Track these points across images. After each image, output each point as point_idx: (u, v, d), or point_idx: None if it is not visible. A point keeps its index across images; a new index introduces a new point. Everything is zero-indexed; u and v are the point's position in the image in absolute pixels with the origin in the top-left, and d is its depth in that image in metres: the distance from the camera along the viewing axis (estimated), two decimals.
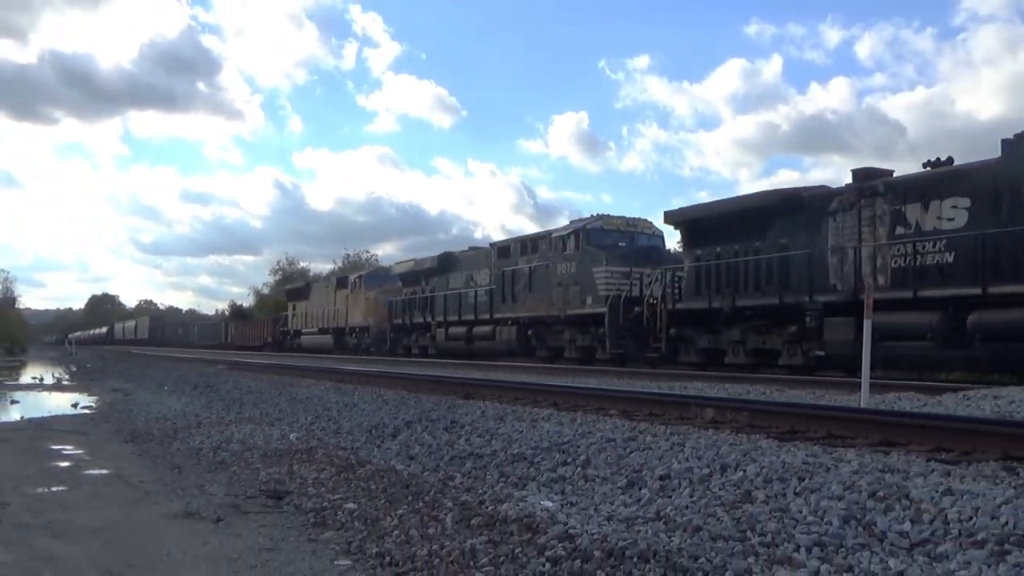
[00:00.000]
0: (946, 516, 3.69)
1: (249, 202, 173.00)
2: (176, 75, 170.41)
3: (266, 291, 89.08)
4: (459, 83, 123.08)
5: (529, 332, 25.93)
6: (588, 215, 25.70)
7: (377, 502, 5.13)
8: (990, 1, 76.58)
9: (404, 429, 8.18)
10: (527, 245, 26.67)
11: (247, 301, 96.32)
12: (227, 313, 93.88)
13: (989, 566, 3.13)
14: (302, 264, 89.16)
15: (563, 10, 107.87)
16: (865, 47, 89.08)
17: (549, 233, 25.90)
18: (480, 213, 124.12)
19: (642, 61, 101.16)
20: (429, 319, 31.66)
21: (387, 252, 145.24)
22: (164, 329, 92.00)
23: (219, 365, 27.04)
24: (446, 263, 31.88)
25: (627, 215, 25.30)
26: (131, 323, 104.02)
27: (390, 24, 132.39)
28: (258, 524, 4.82)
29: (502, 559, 3.69)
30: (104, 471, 7.05)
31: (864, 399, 9.74)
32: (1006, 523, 3.51)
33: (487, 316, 27.71)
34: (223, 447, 8.08)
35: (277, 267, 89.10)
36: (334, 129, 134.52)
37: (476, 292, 28.62)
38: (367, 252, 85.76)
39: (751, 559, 3.38)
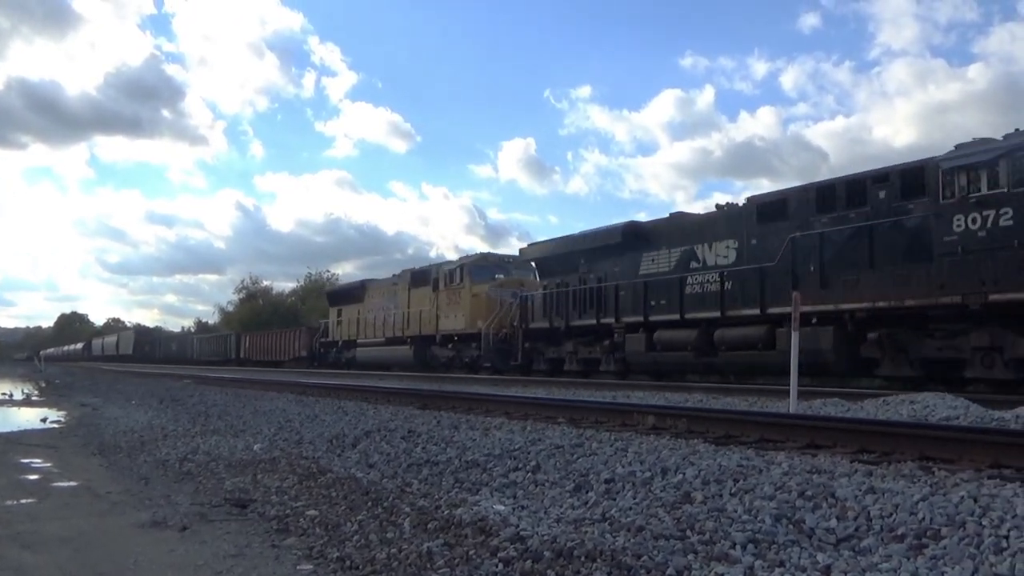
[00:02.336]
0: (869, 513, 3.74)
1: (212, 223, 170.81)
2: (141, 102, 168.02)
3: (230, 308, 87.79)
4: (414, 110, 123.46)
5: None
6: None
7: (338, 509, 5.06)
8: (903, 36, 78.93)
9: (364, 439, 8.10)
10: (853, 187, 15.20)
11: (212, 319, 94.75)
12: (193, 329, 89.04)
13: (908, 559, 3.18)
14: (265, 283, 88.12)
15: (510, 42, 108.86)
16: (789, 79, 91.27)
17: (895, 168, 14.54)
18: (434, 234, 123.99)
19: (584, 91, 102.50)
20: (606, 319, 20.59)
21: (347, 271, 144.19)
22: (153, 344, 77.77)
23: (185, 380, 26.54)
24: (634, 236, 20.42)
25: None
26: (111, 338, 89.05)
27: (348, 54, 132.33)
28: (223, 532, 4.73)
29: (457, 561, 3.66)
30: (73, 483, 6.87)
31: (793, 405, 9.87)
32: (923, 519, 3.57)
33: (755, 310, 16.72)
34: (189, 458, 7.92)
35: (241, 286, 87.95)
36: (294, 154, 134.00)
37: (724, 274, 17.52)
38: (328, 271, 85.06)
39: (690, 556, 3.39)
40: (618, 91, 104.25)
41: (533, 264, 25.38)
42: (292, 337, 46.80)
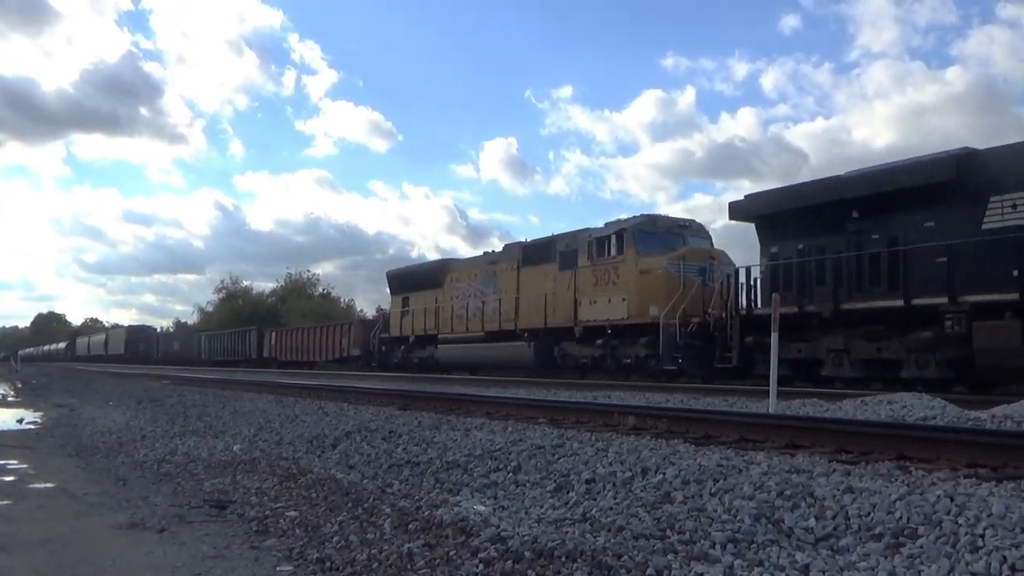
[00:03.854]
0: (847, 512, 3.77)
1: (191, 223, 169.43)
2: (118, 100, 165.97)
3: (210, 309, 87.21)
4: (395, 109, 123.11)
5: None
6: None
7: (318, 510, 5.04)
8: (882, 39, 79.66)
9: (344, 439, 8.08)
10: None
11: (191, 319, 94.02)
12: (171, 329, 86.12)
13: (886, 557, 3.20)
14: (245, 283, 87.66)
15: (492, 42, 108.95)
16: (770, 80, 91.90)
17: None
18: (415, 234, 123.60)
19: (566, 91, 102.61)
20: (924, 298, 13.95)
21: (327, 271, 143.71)
22: (149, 342, 70.01)
23: (164, 380, 26.35)
24: (978, 171, 13.52)
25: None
26: (99, 337, 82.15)
27: (328, 52, 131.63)
28: (202, 533, 4.69)
29: (438, 562, 3.65)
30: (49, 484, 6.79)
31: (772, 405, 9.93)
32: (900, 517, 3.60)
33: None
34: (167, 459, 7.86)
35: (221, 286, 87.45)
36: (274, 153, 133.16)
37: None
38: (308, 271, 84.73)
39: (670, 556, 3.41)
40: (599, 91, 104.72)
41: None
42: (337, 333, 39.20)
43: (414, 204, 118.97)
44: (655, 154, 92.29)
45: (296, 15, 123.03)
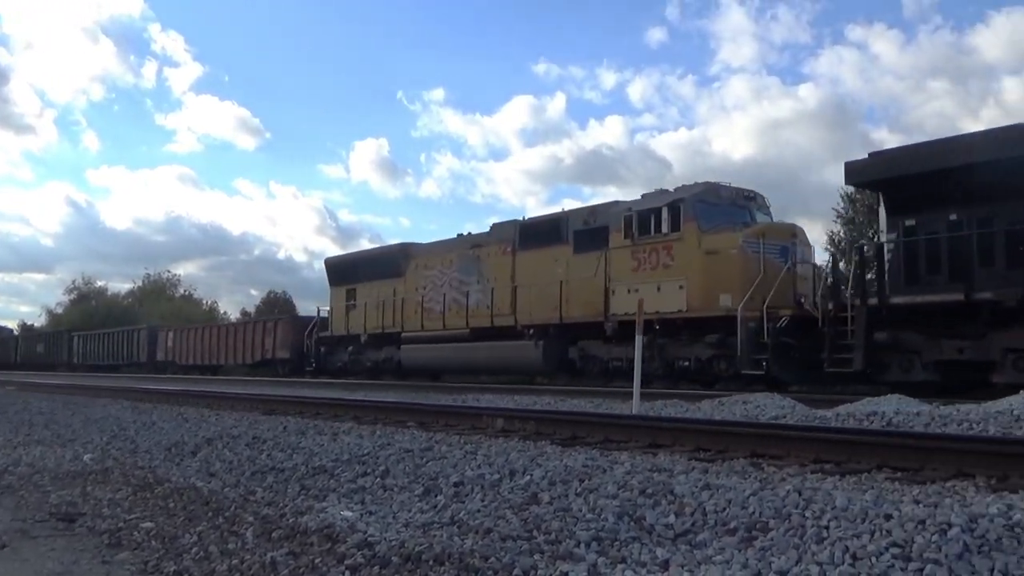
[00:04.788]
0: (704, 508, 3.91)
1: (39, 219, 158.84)
2: None
3: (59, 311, 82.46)
4: (263, 106, 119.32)
5: None
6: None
7: (176, 520, 4.83)
8: (741, 54, 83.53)
9: (205, 446, 7.78)
10: None
11: (39, 321, 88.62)
12: (16, 332, 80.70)
13: (739, 551, 3.34)
14: (99, 283, 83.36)
15: (364, 41, 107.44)
16: (637, 90, 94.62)
17: None
18: (282, 235, 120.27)
19: (438, 93, 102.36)
20: None
21: (189, 272, 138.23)
22: (4, 345, 63.19)
23: (9, 386, 24.69)
24: None
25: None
26: None
27: (193, 44, 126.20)
28: (47, 548, 4.42)
29: (302, 570, 3.57)
30: None
31: (636, 407, 10.21)
32: (753, 512, 3.76)
33: None
34: (9, 471, 7.35)
35: (72, 286, 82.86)
36: (132, 147, 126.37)
37: None
38: (168, 271, 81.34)
39: (537, 556, 3.44)
40: (471, 95, 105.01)
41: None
42: (259, 332, 33.47)
43: (282, 204, 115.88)
44: (526, 159, 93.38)
45: (158, 4, 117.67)
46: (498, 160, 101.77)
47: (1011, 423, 7.35)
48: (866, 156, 14.44)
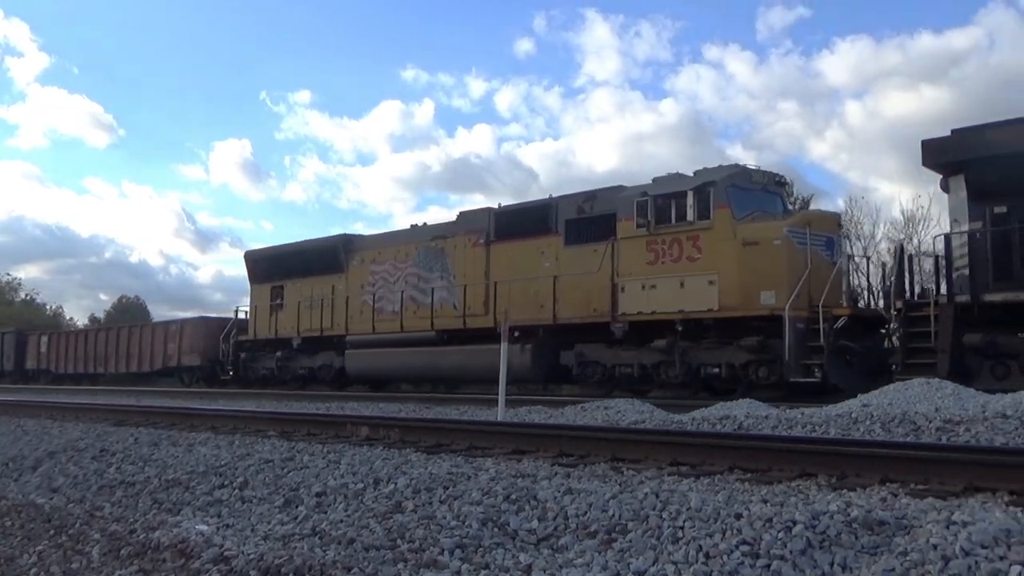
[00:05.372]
0: (566, 512, 3.98)
1: None
2: None
3: None
4: (117, 101, 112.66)
5: None
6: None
7: (13, 540, 4.52)
8: (605, 68, 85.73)
9: (47, 460, 7.31)
10: None
11: None
12: None
13: (600, 552, 3.42)
14: None
15: (226, 39, 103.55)
16: (504, 99, 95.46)
17: None
18: (136, 237, 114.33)
19: (304, 95, 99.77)
20: None
21: (32, 275, 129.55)
22: None
23: None
24: None
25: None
26: None
27: (39, 34, 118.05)
28: None
29: None
30: None
31: (501, 413, 10.29)
32: (613, 515, 3.86)
33: None
34: None
35: None
36: None
37: None
38: (7, 275, 76.11)
39: (400, 565, 3.41)
40: (339, 98, 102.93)
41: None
42: (159, 336, 29.93)
43: (136, 205, 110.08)
44: (394, 165, 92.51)
45: None
46: (365, 165, 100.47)
47: (849, 425, 7.83)
48: (948, 133, 12.79)
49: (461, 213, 20.08)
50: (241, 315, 26.75)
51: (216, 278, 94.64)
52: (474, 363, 17.84)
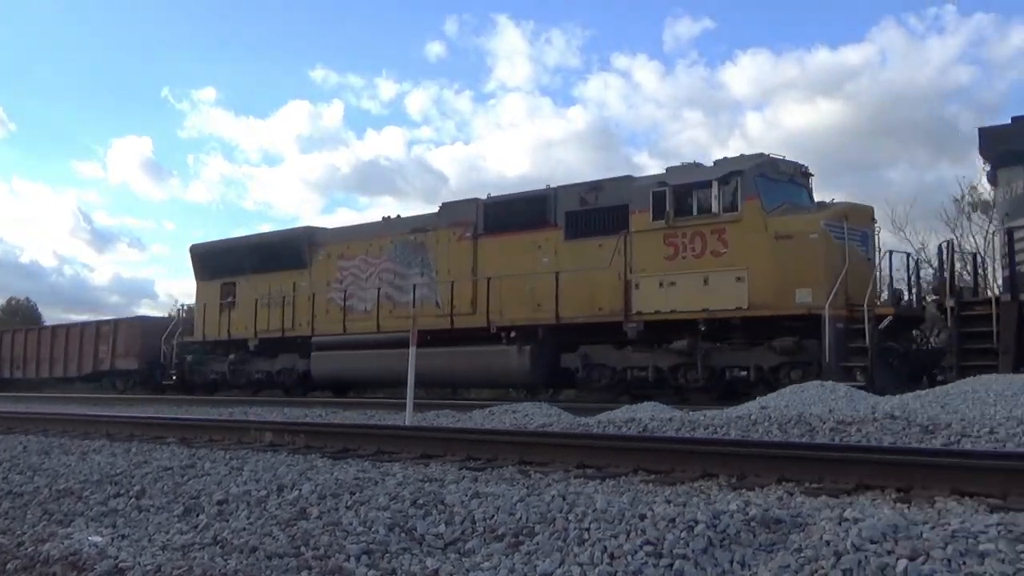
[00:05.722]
0: (474, 516, 3.98)
1: None
2: None
3: None
4: (6, 95, 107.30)
5: None
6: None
7: None
8: (517, 74, 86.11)
9: None
10: None
11: None
12: None
13: (507, 556, 3.43)
14: None
15: (126, 31, 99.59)
16: (415, 102, 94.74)
17: None
18: (27, 236, 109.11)
19: (208, 93, 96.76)
20: None
21: None
22: None
23: None
24: None
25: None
26: None
27: None
28: None
29: None
30: None
31: (408, 417, 10.23)
32: (520, 518, 3.87)
33: None
34: None
35: None
36: None
37: None
38: None
39: (304, 573, 3.35)
40: (245, 97, 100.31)
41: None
42: (90, 338, 27.19)
43: (27, 203, 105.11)
44: (302, 166, 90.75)
45: None
46: (272, 166, 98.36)
47: (749, 427, 8.07)
48: (1009, 121, 12.22)
49: (444, 204, 18.66)
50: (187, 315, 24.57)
51: (114, 280, 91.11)
52: (460, 365, 16.91)
